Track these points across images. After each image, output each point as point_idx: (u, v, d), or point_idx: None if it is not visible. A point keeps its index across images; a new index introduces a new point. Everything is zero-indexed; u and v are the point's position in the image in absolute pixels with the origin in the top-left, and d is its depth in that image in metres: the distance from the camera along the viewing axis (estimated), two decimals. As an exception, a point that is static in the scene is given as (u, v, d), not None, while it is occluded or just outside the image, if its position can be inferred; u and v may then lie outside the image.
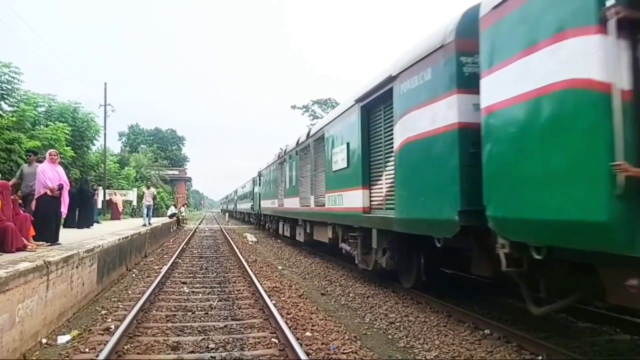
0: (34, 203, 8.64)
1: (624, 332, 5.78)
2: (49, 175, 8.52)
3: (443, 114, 5.51)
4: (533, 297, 5.08)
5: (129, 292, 8.69)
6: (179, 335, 5.79)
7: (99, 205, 23.55)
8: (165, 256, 14.60)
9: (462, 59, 5.35)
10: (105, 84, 28.81)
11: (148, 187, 19.93)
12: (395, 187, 6.97)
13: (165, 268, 11.01)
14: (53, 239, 8.43)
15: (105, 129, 27.07)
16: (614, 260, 3.58)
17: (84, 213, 15.04)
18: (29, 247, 7.40)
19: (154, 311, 7.03)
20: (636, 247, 3.20)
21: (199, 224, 39.49)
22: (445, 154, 5.49)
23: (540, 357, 4.99)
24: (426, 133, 5.93)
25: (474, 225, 5.06)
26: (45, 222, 8.42)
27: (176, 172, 68.20)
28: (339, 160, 9.75)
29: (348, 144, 9.22)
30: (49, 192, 8.44)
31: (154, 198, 21.55)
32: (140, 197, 28.36)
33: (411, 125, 6.33)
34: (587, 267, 4.32)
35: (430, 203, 5.93)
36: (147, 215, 18.45)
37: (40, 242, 7.97)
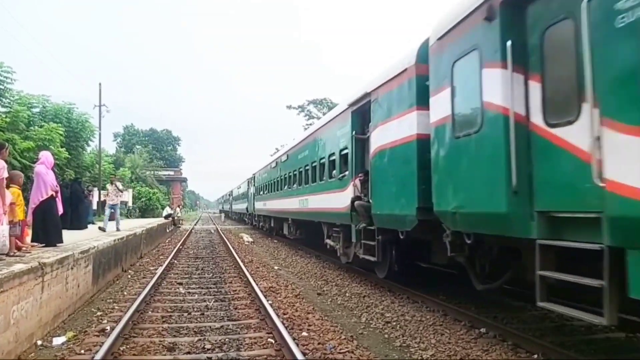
0: (36, 206, 8.44)
1: (619, 330, 5.82)
2: (52, 177, 8.57)
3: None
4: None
5: (125, 293, 8.66)
6: (175, 336, 5.77)
7: (94, 207, 23.42)
8: (161, 257, 14.55)
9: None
10: (100, 84, 28.76)
11: (111, 182, 14.86)
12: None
13: (161, 269, 10.97)
14: (62, 241, 8.47)
15: (100, 129, 26.99)
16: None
17: (76, 215, 14.95)
18: (24, 248, 7.37)
19: (150, 312, 7.01)
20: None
21: (195, 225, 39.39)
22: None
23: (535, 356, 5.01)
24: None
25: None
26: (55, 224, 8.42)
27: (171, 173, 68.08)
28: None
29: None
30: (54, 194, 8.45)
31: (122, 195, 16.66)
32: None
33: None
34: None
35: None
36: (115, 218, 14.33)
37: (34, 243, 7.94)
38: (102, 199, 25.61)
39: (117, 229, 13.80)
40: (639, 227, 3.23)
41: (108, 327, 5.97)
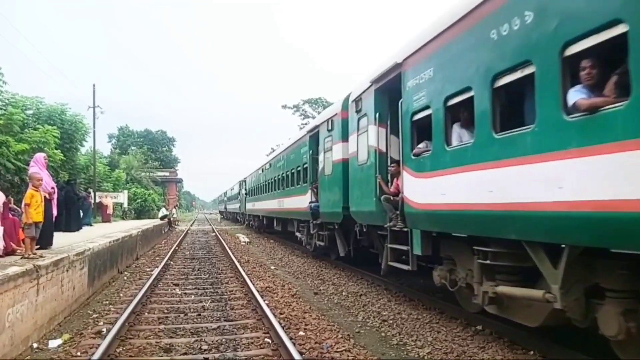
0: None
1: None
2: (46, 179, 8.47)
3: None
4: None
5: (121, 294, 8.63)
6: (171, 337, 5.76)
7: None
8: (157, 258, 14.51)
9: None
10: (94, 85, 28.57)
11: None
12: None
13: (157, 270, 10.94)
14: (51, 243, 8.39)
15: (94, 130, 26.83)
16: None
17: (70, 216, 14.84)
18: (19, 251, 7.32)
19: (146, 314, 6.99)
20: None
21: (191, 226, 39.27)
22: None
23: (532, 353, 5.04)
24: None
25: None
26: (48, 226, 8.34)
27: (167, 174, 67.79)
28: None
29: None
30: (47, 196, 8.37)
31: None
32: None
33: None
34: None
35: None
36: None
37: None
38: (96, 200, 25.54)
39: None
40: None
41: (104, 329, 5.96)
